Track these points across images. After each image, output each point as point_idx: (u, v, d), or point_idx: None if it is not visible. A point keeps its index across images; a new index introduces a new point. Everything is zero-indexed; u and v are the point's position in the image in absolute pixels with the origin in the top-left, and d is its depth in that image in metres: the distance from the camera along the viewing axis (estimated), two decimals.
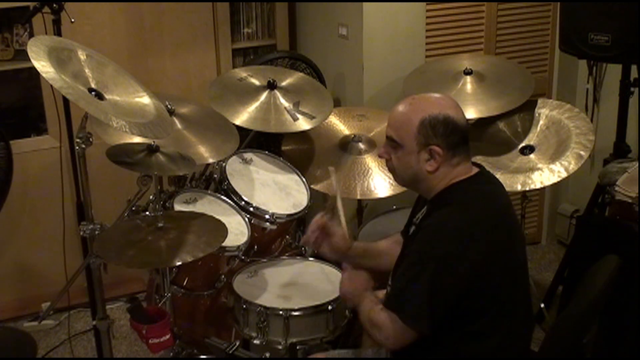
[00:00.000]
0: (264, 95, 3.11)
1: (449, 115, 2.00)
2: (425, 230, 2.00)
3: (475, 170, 2.08)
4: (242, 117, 3.02)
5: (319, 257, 2.87)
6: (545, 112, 3.19)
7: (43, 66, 2.15)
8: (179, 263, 2.33)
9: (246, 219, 2.83)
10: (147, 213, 2.69)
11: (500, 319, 2.00)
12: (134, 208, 2.68)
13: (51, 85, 2.26)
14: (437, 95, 2.10)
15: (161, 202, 2.72)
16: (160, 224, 2.41)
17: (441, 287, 1.93)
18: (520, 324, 2.09)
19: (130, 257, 2.31)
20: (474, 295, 1.94)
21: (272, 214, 2.86)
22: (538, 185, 2.98)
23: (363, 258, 2.43)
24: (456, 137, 2.01)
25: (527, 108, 3.20)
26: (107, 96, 2.29)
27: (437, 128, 1.99)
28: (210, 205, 2.84)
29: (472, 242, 1.93)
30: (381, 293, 2.38)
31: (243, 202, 2.86)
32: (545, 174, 2.97)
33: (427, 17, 3.54)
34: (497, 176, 2.18)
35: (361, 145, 3.18)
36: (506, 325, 2.02)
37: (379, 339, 2.03)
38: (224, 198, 2.88)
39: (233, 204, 2.86)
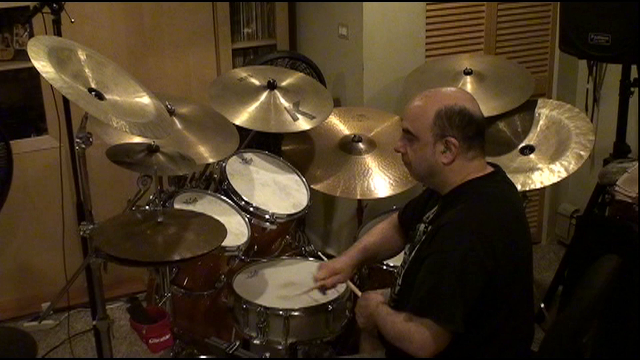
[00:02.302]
0: (264, 95, 3.11)
1: (465, 107, 2.00)
2: (444, 228, 1.97)
3: (490, 169, 2.08)
4: (242, 117, 3.02)
5: (319, 257, 2.88)
6: (545, 112, 3.19)
7: (43, 66, 2.14)
8: (178, 258, 2.31)
9: (246, 219, 2.83)
10: None
11: (506, 319, 2.00)
12: (133, 208, 2.68)
13: (51, 85, 2.26)
14: (453, 88, 2.13)
15: (161, 202, 2.72)
16: (159, 219, 2.39)
17: (470, 282, 1.90)
18: (523, 325, 2.09)
19: (127, 249, 2.29)
20: (491, 292, 1.93)
21: (272, 214, 2.85)
22: (538, 185, 2.98)
23: (369, 261, 2.49)
24: (472, 129, 2.00)
25: (527, 108, 3.20)
26: (107, 96, 2.29)
27: (453, 119, 1.99)
28: (210, 205, 2.84)
29: (494, 236, 1.93)
30: (381, 291, 2.39)
31: (243, 202, 2.86)
32: (545, 174, 2.97)
33: (427, 17, 3.54)
34: None
35: (361, 145, 3.18)
36: (511, 325, 2.02)
37: (412, 350, 1.95)
38: (224, 198, 2.87)
39: (233, 204, 2.86)
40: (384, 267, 2.76)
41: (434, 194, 2.21)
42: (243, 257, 2.77)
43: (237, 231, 2.76)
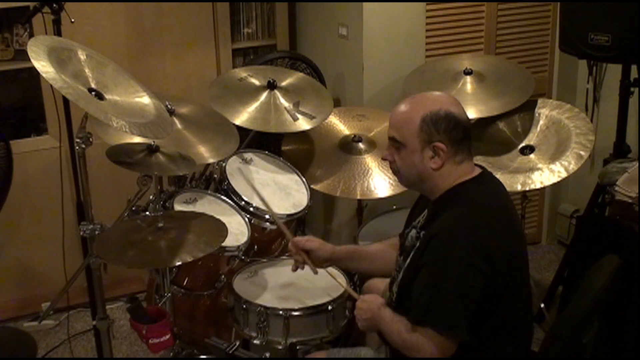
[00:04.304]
0: (264, 95, 3.11)
1: (450, 111, 2.00)
2: (438, 237, 1.96)
3: (478, 170, 2.08)
4: (242, 117, 3.02)
5: None
6: (545, 112, 3.20)
7: (43, 66, 2.15)
8: (179, 263, 2.33)
9: (246, 219, 2.83)
10: (147, 213, 2.69)
11: (505, 319, 2.00)
12: (134, 208, 2.68)
13: (51, 85, 2.26)
14: (437, 92, 2.11)
15: (161, 202, 2.72)
16: (160, 224, 2.41)
17: (469, 288, 1.90)
18: (522, 324, 2.09)
19: (130, 258, 2.31)
20: (488, 294, 1.93)
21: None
22: (538, 185, 2.98)
23: (351, 261, 2.43)
24: (459, 132, 2.00)
25: (527, 108, 3.20)
26: (107, 96, 2.29)
27: (439, 124, 1.99)
28: (210, 205, 2.84)
29: (489, 239, 1.93)
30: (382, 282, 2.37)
31: (243, 202, 2.86)
32: (545, 174, 2.97)
33: (427, 17, 3.54)
34: (497, 176, 2.18)
35: (361, 145, 3.18)
36: (510, 325, 2.02)
37: None
38: (224, 198, 2.88)
39: (233, 204, 2.86)
40: None
41: (420, 200, 2.22)
42: (243, 257, 2.77)
43: (237, 231, 2.76)
